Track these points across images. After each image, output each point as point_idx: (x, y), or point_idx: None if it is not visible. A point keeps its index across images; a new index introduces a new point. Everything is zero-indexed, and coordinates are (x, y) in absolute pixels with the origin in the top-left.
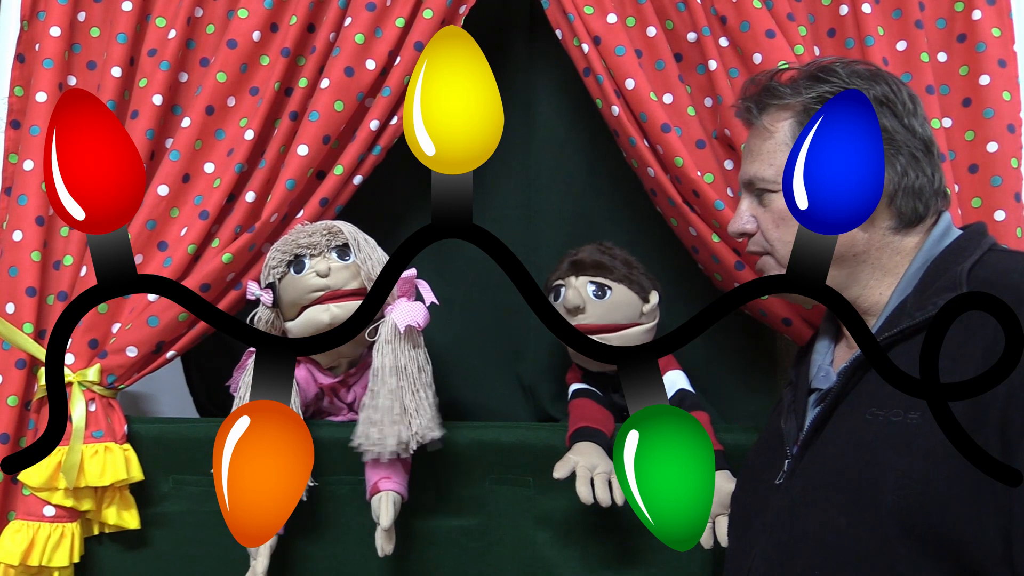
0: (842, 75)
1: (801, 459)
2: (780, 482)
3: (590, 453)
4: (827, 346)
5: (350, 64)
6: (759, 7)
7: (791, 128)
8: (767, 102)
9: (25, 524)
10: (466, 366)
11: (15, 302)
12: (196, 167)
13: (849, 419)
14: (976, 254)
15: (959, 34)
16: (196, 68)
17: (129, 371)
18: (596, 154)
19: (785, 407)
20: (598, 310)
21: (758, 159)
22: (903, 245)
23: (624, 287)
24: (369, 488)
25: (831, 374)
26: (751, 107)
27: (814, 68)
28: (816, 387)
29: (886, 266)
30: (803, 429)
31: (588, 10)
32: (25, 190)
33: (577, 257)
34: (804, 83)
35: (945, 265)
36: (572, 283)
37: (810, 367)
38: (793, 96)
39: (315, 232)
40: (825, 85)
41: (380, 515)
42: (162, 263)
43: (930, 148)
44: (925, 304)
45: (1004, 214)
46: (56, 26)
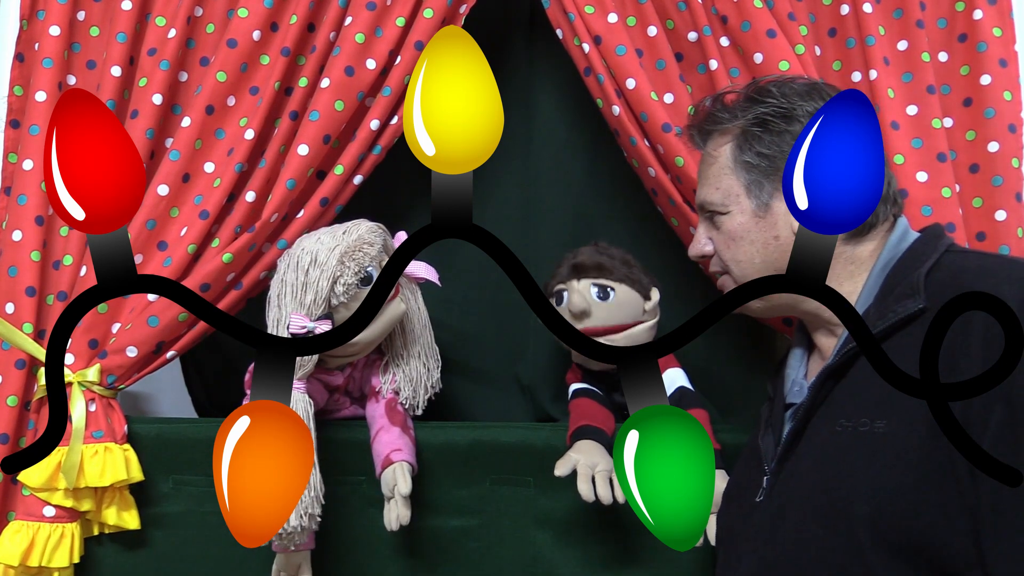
0: (776, 94)
1: (779, 475)
2: (760, 499)
3: (591, 451)
4: (800, 359)
5: (350, 63)
6: (760, 7)
7: (731, 151)
8: (708, 128)
9: (25, 524)
10: (466, 366)
11: (14, 302)
12: (196, 167)
13: (820, 432)
14: (933, 257)
15: (960, 34)
16: (196, 67)
17: (129, 371)
18: (596, 154)
19: (763, 423)
20: (603, 312)
21: (705, 184)
22: (857, 254)
23: (626, 287)
24: (380, 463)
25: (804, 387)
26: (694, 135)
27: (751, 90)
28: (791, 401)
29: (840, 276)
30: (780, 444)
31: (589, 9)
32: (25, 190)
33: (577, 260)
34: (741, 106)
35: (904, 271)
36: (575, 287)
37: (785, 381)
38: (731, 120)
39: (372, 241)
40: (760, 106)
41: (398, 482)
42: (162, 263)
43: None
44: (885, 312)
45: (1005, 214)
46: (55, 25)
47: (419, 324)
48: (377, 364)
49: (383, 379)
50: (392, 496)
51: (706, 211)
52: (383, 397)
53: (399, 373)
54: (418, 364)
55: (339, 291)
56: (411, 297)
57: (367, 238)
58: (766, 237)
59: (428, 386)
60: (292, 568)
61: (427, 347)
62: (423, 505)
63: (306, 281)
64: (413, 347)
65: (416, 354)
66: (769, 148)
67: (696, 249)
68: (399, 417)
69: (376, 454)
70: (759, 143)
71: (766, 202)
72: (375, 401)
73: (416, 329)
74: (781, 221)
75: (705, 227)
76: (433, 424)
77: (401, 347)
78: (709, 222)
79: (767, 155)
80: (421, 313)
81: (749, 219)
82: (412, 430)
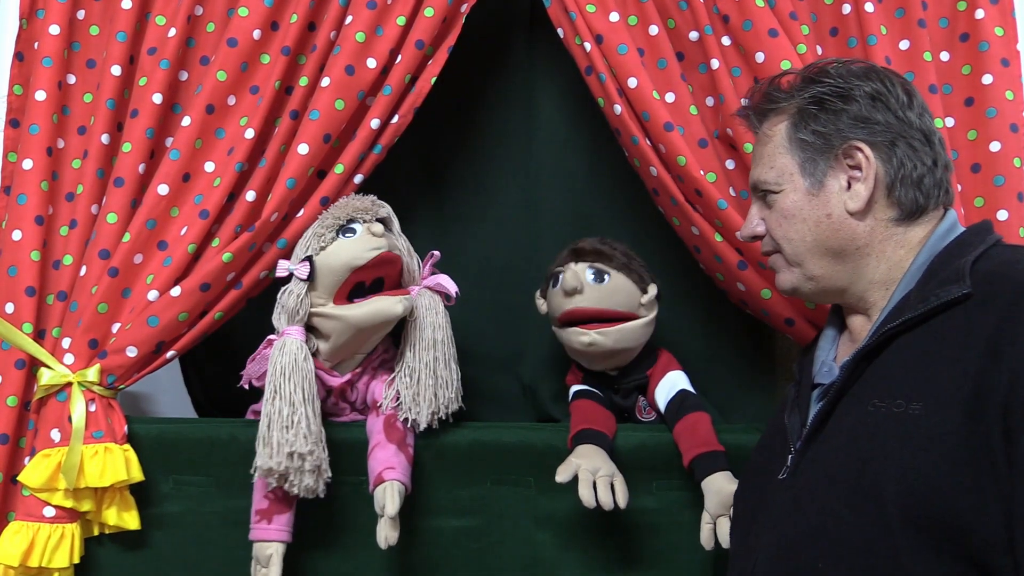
0: (833, 74)
1: (804, 454)
2: (784, 477)
3: (592, 456)
4: (831, 341)
5: (351, 62)
6: (761, 6)
7: (787, 130)
8: (765, 108)
9: (25, 525)
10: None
11: (14, 302)
12: (196, 166)
13: (852, 412)
14: (980, 248)
15: (962, 33)
16: (196, 67)
17: (129, 371)
18: (598, 153)
19: (789, 403)
20: (595, 293)
21: (760, 163)
22: (908, 238)
23: (623, 275)
24: (373, 479)
25: (834, 369)
26: (750, 115)
27: (809, 71)
28: (819, 382)
29: (891, 259)
30: (806, 424)
31: (590, 8)
32: (24, 189)
33: (578, 246)
34: (798, 86)
35: (949, 259)
36: (571, 268)
37: (814, 362)
38: (787, 100)
39: (363, 200)
40: (818, 86)
41: (385, 504)
42: (162, 262)
43: (929, 138)
44: (927, 296)
45: (1007, 213)
46: (55, 24)
47: (434, 337)
48: (383, 377)
49: (386, 394)
50: (382, 515)
51: (759, 191)
52: (383, 412)
53: (402, 383)
54: (427, 378)
55: (317, 232)
56: (427, 308)
57: (362, 198)
58: (818, 215)
59: (439, 405)
60: (264, 558)
61: (442, 363)
62: (423, 506)
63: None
64: (423, 359)
65: (426, 367)
66: (824, 127)
67: (748, 230)
68: (397, 434)
69: (370, 470)
70: (815, 121)
71: (820, 180)
72: (375, 415)
73: (428, 341)
74: (834, 199)
75: (758, 207)
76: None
77: (410, 356)
78: (762, 202)
79: (823, 133)
80: (439, 327)
81: (802, 197)
82: (411, 447)
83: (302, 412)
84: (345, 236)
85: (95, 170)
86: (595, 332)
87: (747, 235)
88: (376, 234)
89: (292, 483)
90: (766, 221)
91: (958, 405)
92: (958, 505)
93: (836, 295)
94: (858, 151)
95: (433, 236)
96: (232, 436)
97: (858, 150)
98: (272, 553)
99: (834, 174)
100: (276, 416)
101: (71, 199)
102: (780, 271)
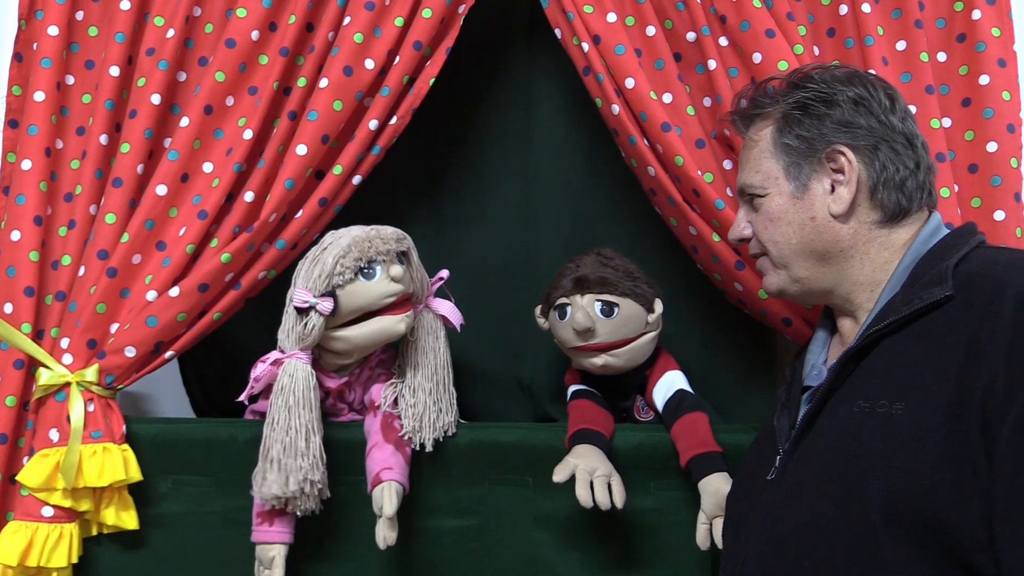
0: (817, 79)
1: (792, 454)
2: (772, 478)
3: (589, 456)
4: (822, 344)
5: (349, 63)
6: (759, 6)
7: (772, 134)
8: (751, 114)
9: (23, 524)
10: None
11: (13, 302)
12: (195, 167)
13: (838, 413)
14: (963, 250)
15: (959, 34)
16: (195, 67)
17: (127, 371)
18: (596, 154)
19: (779, 405)
20: (608, 328)
21: (746, 167)
22: (891, 240)
23: (630, 301)
24: (371, 480)
25: (823, 371)
26: (737, 121)
27: (794, 77)
28: (809, 384)
29: (875, 260)
30: (795, 426)
31: (588, 9)
32: (23, 189)
33: (580, 273)
34: (783, 91)
35: (932, 262)
36: (578, 303)
37: (804, 365)
38: (772, 105)
39: (387, 239)
40: (802, 91)
41: (383, 504)
42: (160, 263)
43: (912, 141)
44: (911, 298)
45: (1004, 214)
46: (54, 25)
47: (434, 360)
48: (383, 378)
49: (384, 393)
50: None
51: (746, 194)
52: (381, 412)
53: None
54: (427, 400)
55: (337, 270)
56: (427, 331)
57: (384, 235)
58: (803, 218)
59: (438, 427)
60: (266, 560)
61: (440, 386)
62: (422, 506)
63: (319, 257)
64: (424, 380)
65: (427, 389)
66: (809, 131)
67: (735, 232)
68: (394, 434)
69: (368, 470)
70: (799, 126)
71: (804, 184)
72: (373, 415)
73: (429, 363)
74: (818, 202)
75: (745, 211)
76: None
77: (411, 376)
78: (749, 205)
79: (807, 138)
80: (439, 353)
81: (787, 200)
82: (408, 447)
83: (315, 442)
84: (364, 277)
85: (94, 170)
86: (606, 355)
87: (735, 238)
88: (395, 278)
89: (296, 506)
90: (753, 224)
91: (940, 405)
92: (940, 503)
93: (822, 296)
94: (841, 155)
95: (431, 237)
96: (231, 436)
97: (841, 154)
98: (275, 555)
99: (818, 178)
100: (290, 445)
101: (70, 199)
102: (767, 273)
